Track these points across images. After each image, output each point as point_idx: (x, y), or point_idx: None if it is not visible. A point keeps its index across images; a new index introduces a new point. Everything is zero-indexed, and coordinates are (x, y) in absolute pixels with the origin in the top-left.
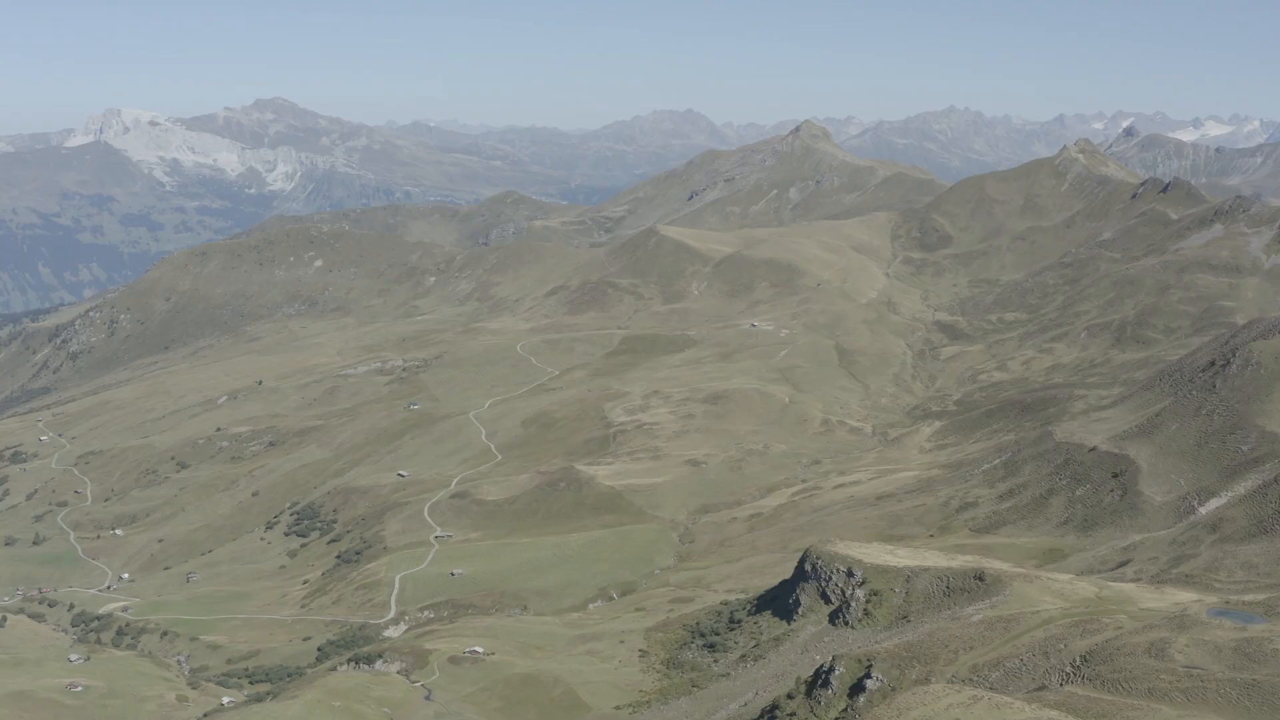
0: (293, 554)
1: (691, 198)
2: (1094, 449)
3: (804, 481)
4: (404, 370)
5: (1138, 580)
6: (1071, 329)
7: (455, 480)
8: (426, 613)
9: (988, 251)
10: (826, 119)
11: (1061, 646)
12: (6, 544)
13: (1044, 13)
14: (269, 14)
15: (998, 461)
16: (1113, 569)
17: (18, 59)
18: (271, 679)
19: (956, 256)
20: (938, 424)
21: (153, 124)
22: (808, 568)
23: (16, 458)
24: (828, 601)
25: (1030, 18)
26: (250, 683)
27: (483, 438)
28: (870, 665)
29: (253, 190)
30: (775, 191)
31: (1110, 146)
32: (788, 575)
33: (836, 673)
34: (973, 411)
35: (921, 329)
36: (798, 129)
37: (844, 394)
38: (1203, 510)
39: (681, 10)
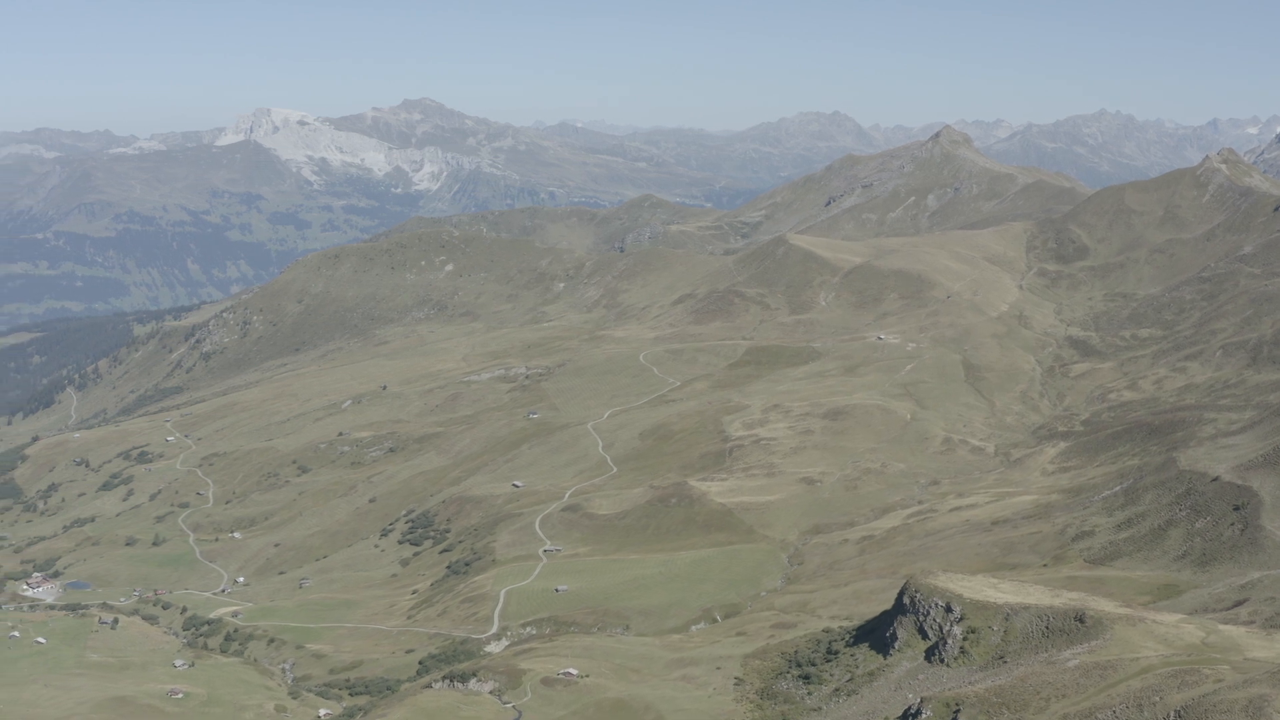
0: (405, 562)
1: (829, 204)
2: (1216, 479)
3: (920, 503)
4: (526, 378)
5: (1250, 623)
6: (1207, 347)
7: (568, 492)
8: (528, 629)
9: (1124, 264)
10: (975, 122)
11: (1156, 699)
12: (127, 544)
13: (1200, 15)
14: (417, 14)
15: (1118, 489)
16: (1227, 609)
17: (172, 58)
18: (371, 691)
19: (1092, 269)
20: (1062, 445)
21: (301, 123)
22: (906, 600)
23: (143, 458)
24: (925, 637)
25: (1185, 20)
26: (350, 694)
27: (599, 449)
28: (958, 710)
29: (399, 190)
30: (913, 198)
31: (1262, 153)
32: (892, 604)
33: (924, 716)
34: (1099, 433)
35: (1052, 344)
36: (938, 135)
37: (968, 411)
38: None
39: (831, 12)
